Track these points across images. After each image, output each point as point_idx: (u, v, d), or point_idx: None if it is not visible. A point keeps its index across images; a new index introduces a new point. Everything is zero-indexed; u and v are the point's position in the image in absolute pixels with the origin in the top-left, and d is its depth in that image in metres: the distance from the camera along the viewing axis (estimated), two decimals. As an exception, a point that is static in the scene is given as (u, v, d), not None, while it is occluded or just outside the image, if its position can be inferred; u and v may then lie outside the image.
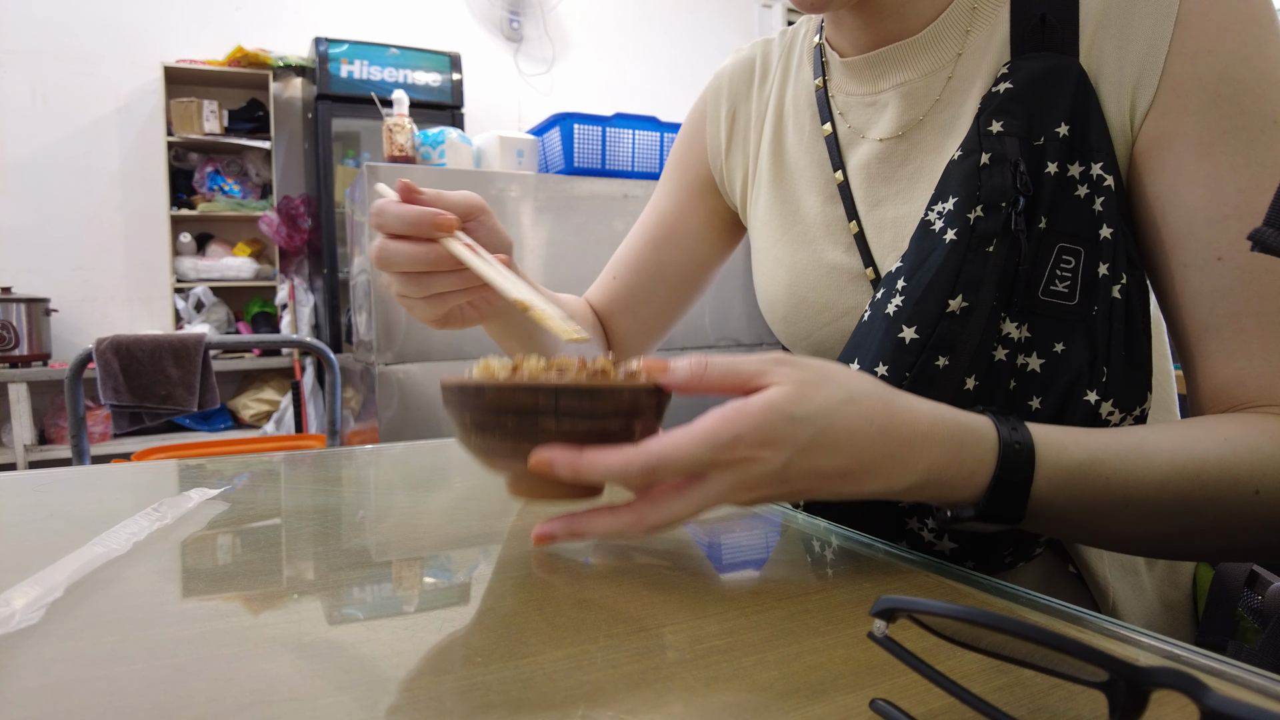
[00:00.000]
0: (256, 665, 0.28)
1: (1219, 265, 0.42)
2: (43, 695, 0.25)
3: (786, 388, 0.33)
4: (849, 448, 0.34)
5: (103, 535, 0.40)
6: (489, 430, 0.35)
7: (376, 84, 3.24)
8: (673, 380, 0.35)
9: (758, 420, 0.32)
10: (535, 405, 0.33)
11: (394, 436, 1.87)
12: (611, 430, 0.34)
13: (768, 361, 0.35)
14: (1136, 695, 0.19)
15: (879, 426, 0.35)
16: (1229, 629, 0.49)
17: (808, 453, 0.33)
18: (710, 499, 0.34)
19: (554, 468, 0.33)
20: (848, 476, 0.35)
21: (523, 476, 0.37)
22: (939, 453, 0.36)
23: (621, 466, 0.33)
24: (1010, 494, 0.37)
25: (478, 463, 0.38)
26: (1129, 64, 0.45)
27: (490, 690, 0.26)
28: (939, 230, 0.46)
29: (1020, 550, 0.48)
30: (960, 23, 0.51)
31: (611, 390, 0.34)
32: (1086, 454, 0.38)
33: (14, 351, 2.82)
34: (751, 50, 0.68)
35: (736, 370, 0.35)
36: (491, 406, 0.34)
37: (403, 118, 2.02)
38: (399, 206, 0.46)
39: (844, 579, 0.38)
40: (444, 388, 0.37)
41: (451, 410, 0.37)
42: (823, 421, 0.33)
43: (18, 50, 3.14)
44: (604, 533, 0.36)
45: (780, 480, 0.34)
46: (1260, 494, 0.39)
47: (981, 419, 0.38)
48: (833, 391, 0.34)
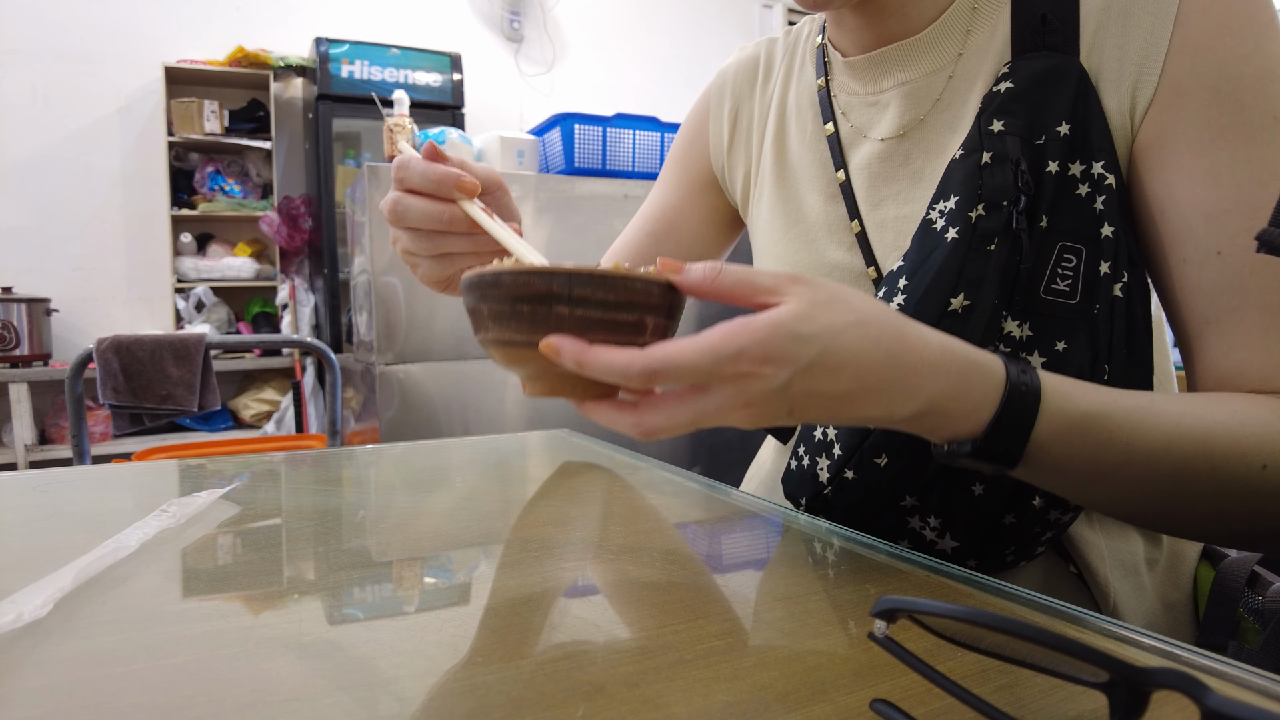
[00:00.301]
0: (257, 665, 0.28)
1: (1219, 260, 0.42)
2: (43, 695, 0.25)
3: (795, 305, 0.33)
4: (853, 370, 0.34)
5: (115, 537, 0.40)
6: (506, 320, 0.35)
7: (377, 84, 3.24)
8: (685, 280, 0.35)
9: (762, 336, 0.32)
10: (550, 291, 0.33)
11: (394, 437, 1.87)
12: (623, 323, 0.34)
13: (782, 278, 0.35)
14: (1137, 696, 0.19)
15: (886, 351, 0.34)
16: (1230, 630, 0.49)
17: (810, 372, 0.33)
18: (709, 411, 0.34)
19: (561, 356, 0.33)
20: (849, 400, 0.34)
21: (538, 373, 0.37)
22: (944, 383, 0.35)
23: (624, 365, 0.32)
24: (1011, 434, 0.36)
25: (497, 359, 0.38)
26: (1129, 63, 0.45)
27: (490, 690, 0.26)
28: (940, 229, 0.46)
29: (1022, 549, 0.48)
30: (961, 23, 0.51)
31: (624, 279, 0.34)
32: (1093, 406, 0.38)
33: (15, 351, 2.82)
34: (756, 49, 0.68)
35: (750, 281, 0.34)
36: (508, 294, 0.34)
37: (403, 118, 2.02)
38: (423, 163, 0.46)
39: (844, 579, 0.38)
40: (464, 281, 0.37)
41: (471, 304, 0.37)
42: (827, 341, 0.33)
43: (19, 50, 3.14)
44: (602, 422, 0.36)
45: (781, 398, 0.33)
46: (1267, 469, 0.38)
47: (992, 357, 0.37)
48: (842, 313, 0.34)
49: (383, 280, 1.83)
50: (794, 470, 0.53)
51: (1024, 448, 0.37)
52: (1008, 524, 0.47)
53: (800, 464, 0.52)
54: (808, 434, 0.52)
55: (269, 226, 3.31)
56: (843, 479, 0.49)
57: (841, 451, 0.49)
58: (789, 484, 0.54)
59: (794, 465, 0.53)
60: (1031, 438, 0.36)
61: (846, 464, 0.48)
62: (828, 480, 0.50)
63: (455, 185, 0.45)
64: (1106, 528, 0.52)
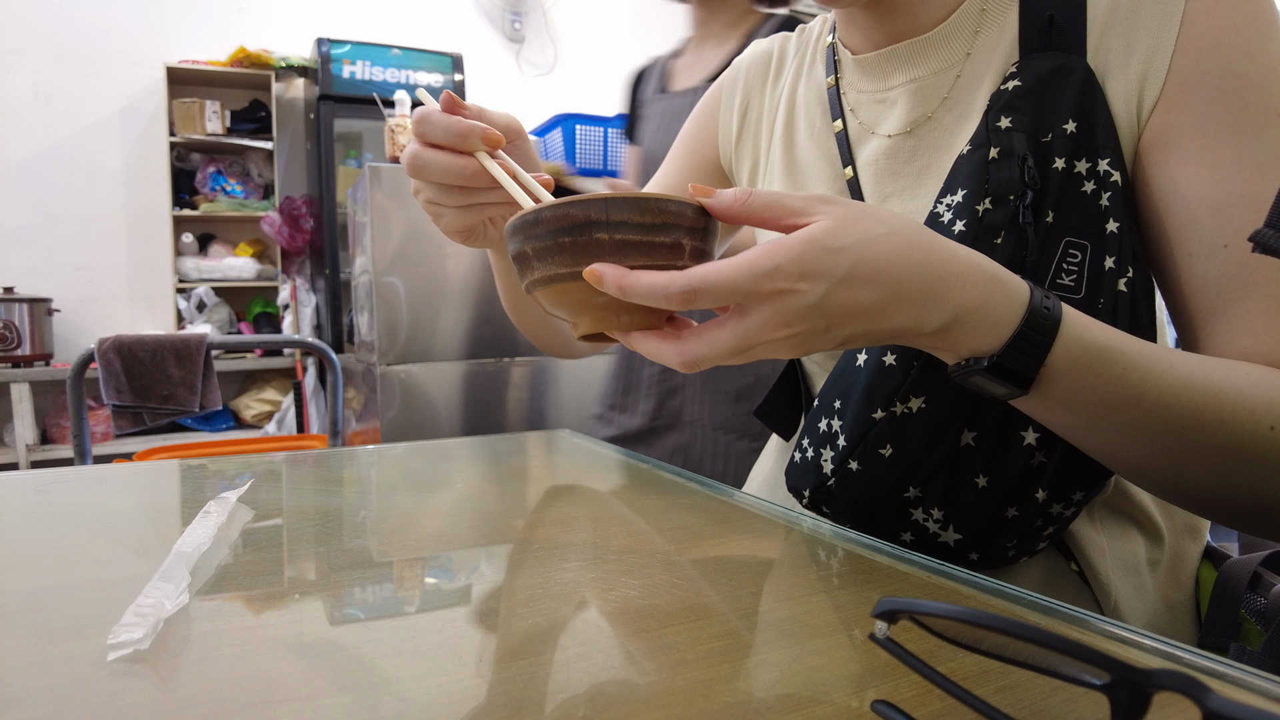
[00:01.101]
0: (258, 665, 0.28)
1: (1224, 252, 0.43)
2: (44, 694, 0.25)
3: (827, 222, 0.34)
4: (886, 279, 0.35)
5: (185, 536, 0.40)
6: (550, 256, 0.36)
7: (378, 84, 3.25)
8: (717, 204, 0.36)
9: (797, 251, 0.33)
10: (588, 218, 0.34)
11: (396, 437, 1.87)
12: (661, 245, 0.35)
13: (811, 199, 0.35)
14: (1138, 697, 0.19)
15: (917, 260, 0.35)
16: (1232, 631, 0.49)
17: (845, 284, 0.34)
18: (751, 334, 0.34)
19: (604, 283, 0.34)
20: (882, 311, 0.35)
21: (585, 307, 0.38)
22: (970, 294, 0.36)
23: (664, 286, 0.33)
24: (1028, 351, 0.37)
25: (546, 303, 0.39)
26: (1135, 61, 0.45)
27: (491, 690, 0.26)
28: (947, 222, 0.46)
29: (1024, 544, 0.48)
30: (970, 24, 0.51)
31: (658, 201, 0.35)
32: (1111, 341, 0.38)
33: (16, 351, 2.83)
34: (770, 44, 0.69)
35: (781, 204, 0.35)
36: (550, 228, 0.35)
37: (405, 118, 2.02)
38: (444, 116, 0.45)
39: (845, 580, 0.38)
40: (507, 228, 0.38)
41: (516, 248, 0.38)
42: (860, 252, 0.34)
43: (21, 50, 3.14)
44: (646, 352, 0.37)
45: (819, 314, 0.34)
46: (1275, 430, 0.38)
47: (1017, 278, 0.38)
48: (872, 225, 0.35)
49: (384, 280, 1.83)
50: (797, 462, 0.54)
51: (1038, 369, 0.37)
52: (1010, 517, 0.47)
53: (804, 456, 0.53)
54: (812, 426, 0.52)
55: (270, 227, 3.31)
56: (847, 470, 0.49)
57: (846, 442, 0.49)
58: (792, 476, 0.54)
59: (798, 457, 0.54)
60: (1047, 361, 0.37)
61: (851, 455, 0.48)
62: (831, 471, 0.50)
63: (481, 137, 0.45)
64: (1109, 527, 0.52)
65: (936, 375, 0.45)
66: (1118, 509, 0.52)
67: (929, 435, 0.46)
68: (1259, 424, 0.38)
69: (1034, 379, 0.37)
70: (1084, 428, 0.41)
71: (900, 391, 0.46)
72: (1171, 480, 0.42)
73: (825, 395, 0.52)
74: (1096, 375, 0.38)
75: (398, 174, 1.85)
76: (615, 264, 0.34)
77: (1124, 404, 0.38)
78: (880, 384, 0.47)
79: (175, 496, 0.56)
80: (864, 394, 0.48)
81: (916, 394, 0.46)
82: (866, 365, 0.48)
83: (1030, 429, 0.45)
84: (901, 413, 0.46)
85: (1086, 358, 0.38)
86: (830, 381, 0.52)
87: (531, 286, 0.38)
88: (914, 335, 0.37)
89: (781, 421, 0.67)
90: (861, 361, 0.49)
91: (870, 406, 0.47)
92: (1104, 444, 0.42)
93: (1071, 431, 0.41)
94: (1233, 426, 0.38)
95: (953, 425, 0.46)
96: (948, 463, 0.46)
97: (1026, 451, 0.45)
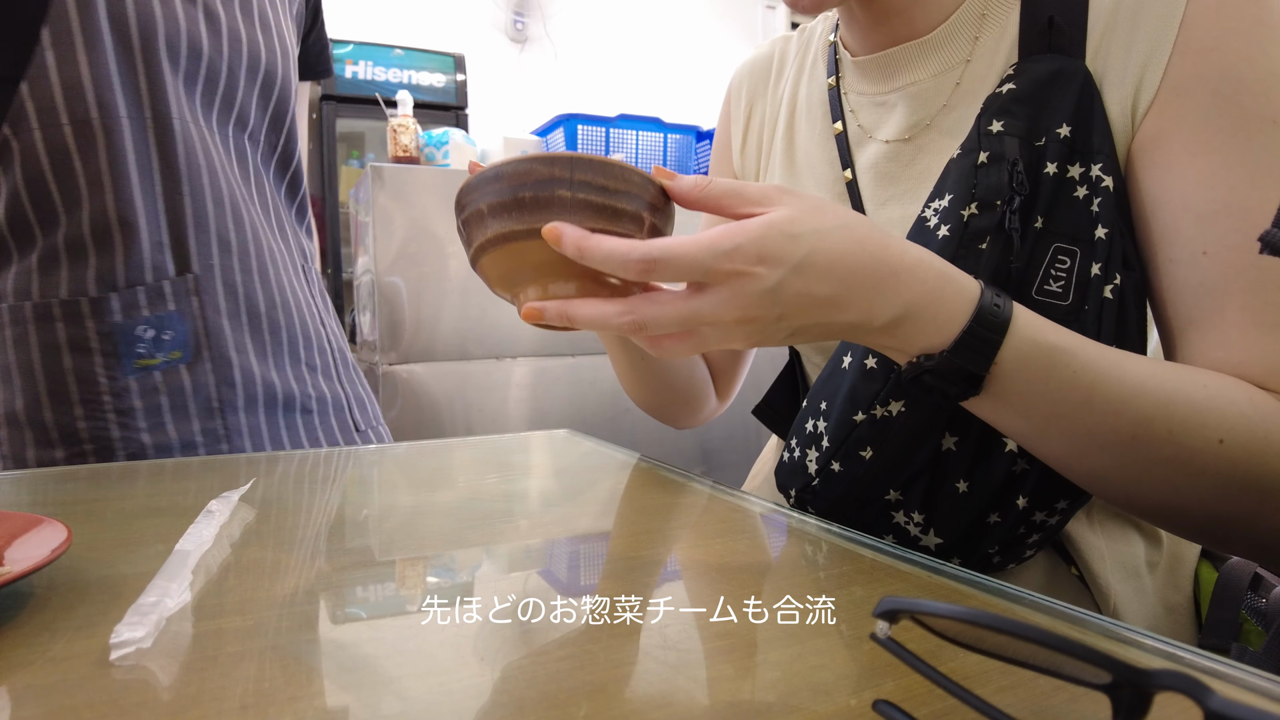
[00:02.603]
0: (260, 664, 0.28)
1: (1205, 260, 0.42)
2: (46, 693, 0.25)
3: (785, 210, 0.35)
4: (841, 271, 0.35)
5: (189, 534, 0.40)
6: (507, 212, 0.35)
7: (381, 85, 3.25)
8: (678, 188, 0.37)
9: (756, 234, 0.34)
10: (552, 175, 0.34)
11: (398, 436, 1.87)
12: (623, 212, 0.35)
13: (769, 190, 0.36)
14: (1140, 698, 0.19)
15: (870, 254, 0.36)
16: (1233, 632, 0.48)
17: (801, 272, 0.34)
18: (703, 312, 0.34)
19: (562, 242, 0.34)
20: (835, 303, 0.36)
21: (534, 274, 0.37)
22: (920, 290, 0.36)
23: (624, 253, 0.33)
24: (977, 349, 0.37)
25: (492, 273, 0.37)
26: (1133, 64, 0.45)
27: (493, 690, 0.26)
28: (933, 227, 0.46)
29: (1008, 551, 0.48)
30: (969, 29, 0.51)
31: (623, 168, 0.35)
32: (1062, 341, 0.38)
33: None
34: (770, 47, 0.69)
35: (739, 192, 0.36)
36: (510, 184, 0.35)
37: (407, 118, 2.03)
38: None
39: (846, 580, 0.38)
40: (463, 187, 0.37)
41: (471, 205, 0.36)
42: (815, 242, 0.35)
43: (25, 51, 3.15)
44: (591, 318, 0.35)
45: (774, 301, 0.34)
46: (1224, 444, 0.38)
47: (968, 276, 0.38)
48: (828, 218, 0.36)
49: (386, 280, 1.84)
50: (786, 462, 0.54)
51: (988, 368, 0.37)
52: (991, 523, 0.47)
53: (791, 455, 0.53)
54: (800, 427, 0.53)
55: (273, 226, 3.31)
56: (829, 471, 0.49)
57: (830, 443, 0.49)
58: (781, 475, 0.54)
59: (786, 457, 0.54)
60: (997, 360, 0.37)
61: (834, 456, 0.49)
62: (815, 472, 0.50)
63: None
64: (1108, 530, 0.52)
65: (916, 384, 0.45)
66: (1115, 512, 0.52)
67: (910, 439, 0.46)
68: (1208, 437, 0.38)
69: (983, 378, 0.37)
70: (1036, 434, 0.41)
71: (880, 395, 0.46)
72: (1124, 492, 0.42)
73: (813, 397, 0.52)
74: (1047, 377, 0.38)
75: (400, 174, 1.85)
76: (574, 226, 0.34)
77: (1074, 408, 0.38)
78: (862, 387, 0.47)
79: (178, 495, 0.56)
80: (847, 397, 0.48)
81: (896, 398, 0.46)
82: (850, 368, 0.48)
83: None
84: (882, 416, 0.46)
85: (1037, 356, 0.37)
86: (819, 383, 0.52)
87: (482, 249, 0.37)
88: (864, 330, 0.37)
89: (780, 421, 0.67)
90: (846, 364, 0.49)
91: (852, 409, 0.47)
92: (1057, 452, 0.41)
93: (1025, 438, 0.41)
94: (1182, 439, 0.38)
95: (934, 430, 0.46)
96: (929, 467, 0.46)
97: (1008, 459, 0.45)
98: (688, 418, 0.70)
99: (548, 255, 0.34)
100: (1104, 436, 0.39)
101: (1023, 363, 0.37)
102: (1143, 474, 0.40)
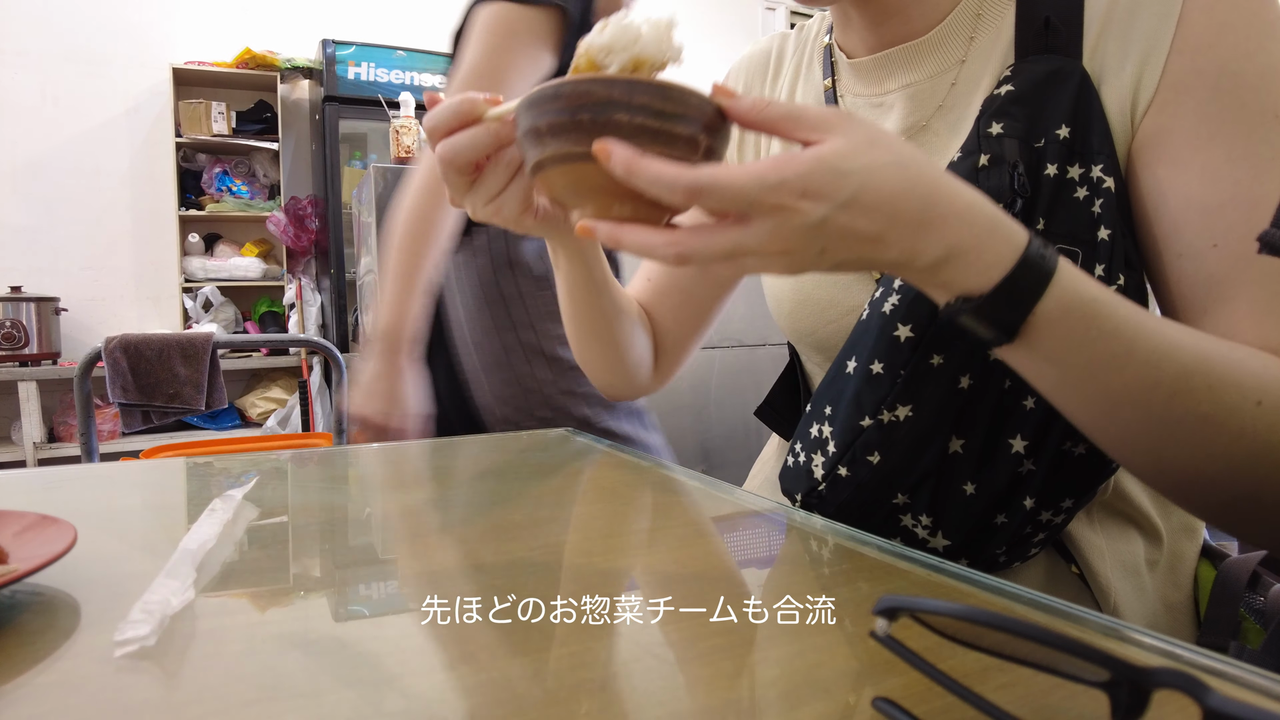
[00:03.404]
0: (263, 661, 0.28)
1: (1214, 252, 0.42)
2: (51, 690, 0.26)
3: (838, 143, 0.34)
4: (887, 210, 0.34)
5: (191, 533, 0.40)
6: (565, 132, 0.35)
7: (383, 86, 3.25)
8: (737, 108, 0.36)
9: (805, 169, 0.33)
10: (610, 98, 0.34)
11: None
12: (678, 136, 0.35)
13: (828, 114, 0.35)
14: (1138, 695, 0.19)
15: (920, 195, 0.35)
16: (1232, 630, 0.48)
17: (846, 208, 0.34)
18: (746, 243, 0.34)
19: (612, 160, 0.34)
20: (879, 240, 0.35)
21: (589, 195, 0.37)
22: (967, 234, 0.36)
23: (672, 177, 0.33)
24: (1018, 295, 0.36)
25: (548, 189, 0.38)
26: (1131, 63, 0.45)
27: (494, 687, 0.26)
28: None
29: (1014, 550, 0.48)
30: (965, 29, 0.51)
31: (682, 90, 0.35)
32: (1104, 295, 0.38)
33: (24, 350, 2.84)
34: (769, 43, 0.69)
35: (797, 116, 0.35)
36: (569, 104, 0.35)
37: (409, 119, 2.03)
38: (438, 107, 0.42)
39: (846, 578, 0.38)
40: (523, 101, 0.37)
41: (529, 123, 0.37)
42: (865, 179, 0.34)
43: (28, 52, 3.16)
44: (638, 245, 0.36)
45: (816, 235, 0.34)
46: (1261, 406, 0.38)
47: (1018, 224, 0.38)
48: (882, 153, 0.35)
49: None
50: (790, 466, 0.54)
51: (1026, 315, 0.37)
52: (999, 524, 0.47)
53: (796, 460, 0.53)
54: (804, 431, 0.52)
55: (276, 227, 3.32)
56: (836, 475, 0.49)
57: (836, 448, 0.49)
58: (785, 480, 0.54)
59: (790, 462, 0.54)
60: (1036, 310, 0.36)
61: (840, 460, 0.48)
62: (822, 477, 0.50)
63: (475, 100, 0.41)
64: (1107, 529, 0.52)
65: (924, 384, 0.45)
66: (1116, 510, 0.52)
67: (917, 443, 0.46)
68: (1246, 396, 0.38)
69: (1020, 324, 0.37)
70: (1070, 385, 0.40)
71: (888, 400, 0.46)
72: (1154, 456, 0.41)
73: (817, 401, 0.52)
74: (1087, 329, 0.37)
75: (402, 174, 1.86)
76: (627, 145, 0.34)
77: (1112, 362, 0.38)
78: (868, 392, 0.47)
79: (181, 494, 0.56)
80: (852, 401, 0.48)
81: (904, 402, 0.46)
82: (855, 373, 0.48)
83: (1019, 437, 0.45)
84: (889, 420, 0.46)
85: (1078, 308, 0.37)
86: (822, 387, 0.52)
87: (539, 166, 0.37)
88: (906, 268, 0.37)
89: (781, 421, 0.67)
90: (851, 369, 0.49)
91: (858, 414, 0.47)
92: (1089, 407, 0.40)
93: (1057, 390, 0.40)
94: (1220, 396, 0.38)
95: (941, 433, 0.46)
96: (936, 470, 0.46)
97: (1015, 459, 0.45)
98: (620, 381, 0.68)
99: (603, 177, 0.35)
100: (1141, 392, 0.38)
101: (1064, 313, 0.37)
102: (1177, 433, 0.39)
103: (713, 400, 2.32)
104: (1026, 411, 0.45)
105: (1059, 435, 0.45)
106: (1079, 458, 0.45)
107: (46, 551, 0.33)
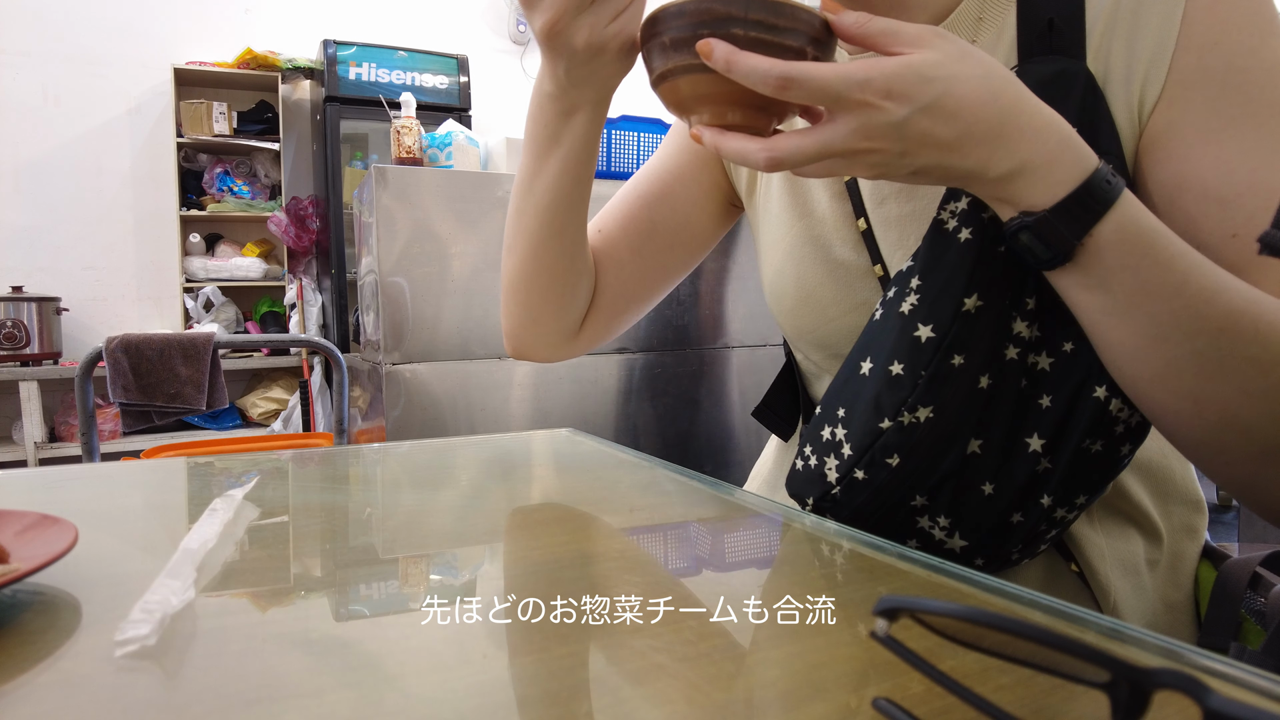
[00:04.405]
0: (263, 661, 0.28)
1: (1234, 242, 0.43)
2: (51, 690, 0.26)
3: (929, 54, 0.36)
4: (967, 117, 0.37)
5: (192, 533, 0.40)
6: (686, 47, 0.39)
7: (384, 86, 3.25)
8: (840, 22, 0.39)
9: (891, 71, 0.36)
10: (729, 14, 0.38)
11: (401, 435, 1.87)
12: (788, 48, 0.38)
13: (926, 32, 0.38)
14: (1139, 696, 0.19)
15: (1001, 107, 0.37)
16: (1232, 631, 0.48)
17: (928, 112, 0.36)
18: (834, 141, 0.37)
19: (714, 56, 0.37)
20: (955, 147, 0.37)
21: (706, 103, 0.41)
22: (1040, 150, 0.38)
23: (765, 69, 0.36)
24: (1077, 216, 0.38)
25: (670, 98, 0.43)
26: (1137, 64, 0.45)
27: (495, 687, 0.26)
28: (953, 229, 0.46)
29: (1027, 548, 0.48)
30: (965, 32, 0.51)
31: (794, 7, 0.38)
32: (1162, 228, 0.39)
33: (25, 350, 2.84)
34: None
35: (895, 32, 0.38)
36: (691, 21, 0.39)
37: (410, 120, 2.03)
38: None
39: (846, 578, 0.38)
40: (649, 18, 0.42)
41: (655, 39, 0.41)
42: (948, 86, 0.36)
43: (30, 52, 3.16)
44: (735, 151, 0.39)
45: (897, 136, 0.36)
46: None
47: (1092, 151, 0.39)
48: (970, 67, 0.37)
49: (390, 280, 1.84)
50: (800, 471, 0.53)
51: (1083, 236, 0.38)
52: (1015, 523, 0.47)
53: (807, 464, 0.52)
54: (814, 434, 0.52)
55: (277, 227, 3.32)
56: (852, 479, 0.49)
57: (852, 452, 0.48)
58: (794, 484, 0.54)
59: (800, 465, 0.53)
60: (1095, 233, 0.38)
61: (857, 464, 0.48)
62: (836, 480, 0.49)
63: None
64: (1107, 528, 0.52)
65: (945, 385, 0.45)
66: (1116, 509, 0.52)
67: (937, 444, 0.46)
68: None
69: (1077, 245, 0.38)
70: (1120, 312, 0.40)
71: (908, 401, 0.46)
72: (1193, 394, 0.40)
73: (828, 403, 0.51)
74: (1142, 256, 0.38)
75: (403, 175, 1.86)
76: None
77: (1162, 292, 0.39)
78: (888, 394, 0.47)
79: (182, 494, 0.56)
80: (871, 404, 0.47)
81: (925, 404, 0.45)
82: (872, 375, 0.48)
83: (1036, 436, 0.45)
84: (910, 423, 0.46)
85: (1136, 237, 0.38)
86: (833, 389, 0.51)
87: (662, 77, 0.42)
88: (979, 179, 0.39)
89: (780, 422, 0.66)
90: (867, 370, 0.48)
91: (877, 416, 0.47)
92: (1134, 337, 0.40)
93: (1107, 317, 0.41)
94: (1267, 339, 0.38)
95: (961, 434, 0.46)
96: (955, 471, 0.46)
97: (1033, 458, 0.45)
98: (544, 332, 0.64)
99: (714, 88, 0.39)
100: (1190, 324, 0.39)
101: (1121, 238, 0.38)
102: (1221, 371, 0.39)
103: (713, 400, 2.32)
104: (1044, 410, 0.45)
105: (1076, 433, 0.45)
106: (1095, 454, 0.45)
107: (47, 551, 0.33)
